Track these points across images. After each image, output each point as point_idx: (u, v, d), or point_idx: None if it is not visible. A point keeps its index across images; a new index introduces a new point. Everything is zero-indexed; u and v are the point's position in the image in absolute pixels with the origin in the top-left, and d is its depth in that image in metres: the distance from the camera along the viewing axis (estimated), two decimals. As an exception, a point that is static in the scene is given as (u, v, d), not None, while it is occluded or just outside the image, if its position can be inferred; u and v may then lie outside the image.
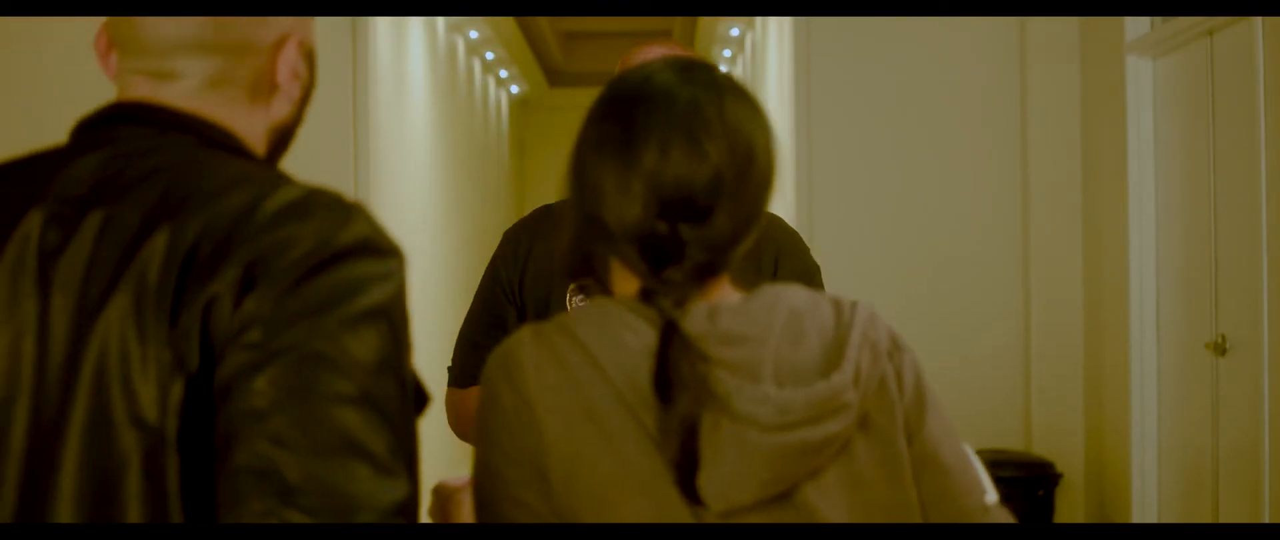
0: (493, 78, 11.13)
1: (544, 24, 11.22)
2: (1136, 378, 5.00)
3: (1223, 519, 4.44)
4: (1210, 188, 4.51)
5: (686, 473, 1.32)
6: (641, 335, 1.35)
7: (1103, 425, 5.31)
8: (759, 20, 8.09)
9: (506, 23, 9.98)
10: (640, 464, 1.33)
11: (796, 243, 2.48)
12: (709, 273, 1.40)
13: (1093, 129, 5.35)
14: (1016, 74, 5.49)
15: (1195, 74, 4.63)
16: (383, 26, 6.12)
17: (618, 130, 1.39)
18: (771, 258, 2.40)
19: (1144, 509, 5.01)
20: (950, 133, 5.52)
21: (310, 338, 1.16)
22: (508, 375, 1.37)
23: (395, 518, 1.16)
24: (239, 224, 1.19)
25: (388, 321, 1.20)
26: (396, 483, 1.16)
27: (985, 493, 1.46)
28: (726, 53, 10.04)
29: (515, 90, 12.48)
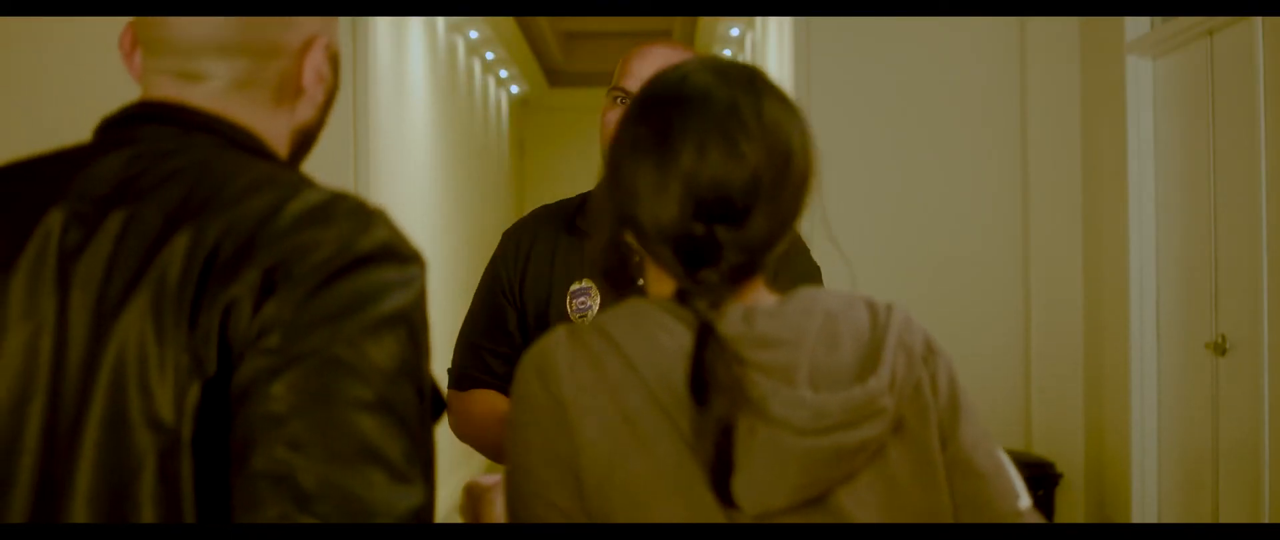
0: (493, 78, 11.13)
1: (544, 24, 11.22)
2: (1136, 377, 5.00)
3: (1223, 519, 4.44)
4: (1210, 188, 4.51)
5: (720, 475, 1.31)
6: (677, 337, 1.34)
7: (1103, 425, 5.31)
8: (759, 20, 8.09)
9: (506, 23, 9.98)
10: (674, 466, 1.33)
11: (797, 243, 2.48)
12: (745, 274, 1.39)
13: (1093, 129, 5.35)
14: (1016, 74, 5.49)
15: (1195, 74, 4.63)
16: (383, 26, 6.12)
17: (655, 131, 1.39)
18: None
19: (1144, 509, 5.01)
20: (950, 133, 5.52)
21: (329, 343, 1.16)
22: (542, 375, 1.37)
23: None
24: (261, 227, 1.19)
25: (407, 327, 1.20)
26: (412, 489, 1.16)
27: (1019, 498, 1.45)
28: (726, 53, 10.04)
29: (515, 90, 12.48)
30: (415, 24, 7.28)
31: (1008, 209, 5.52)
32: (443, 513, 8.26)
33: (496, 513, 1.62)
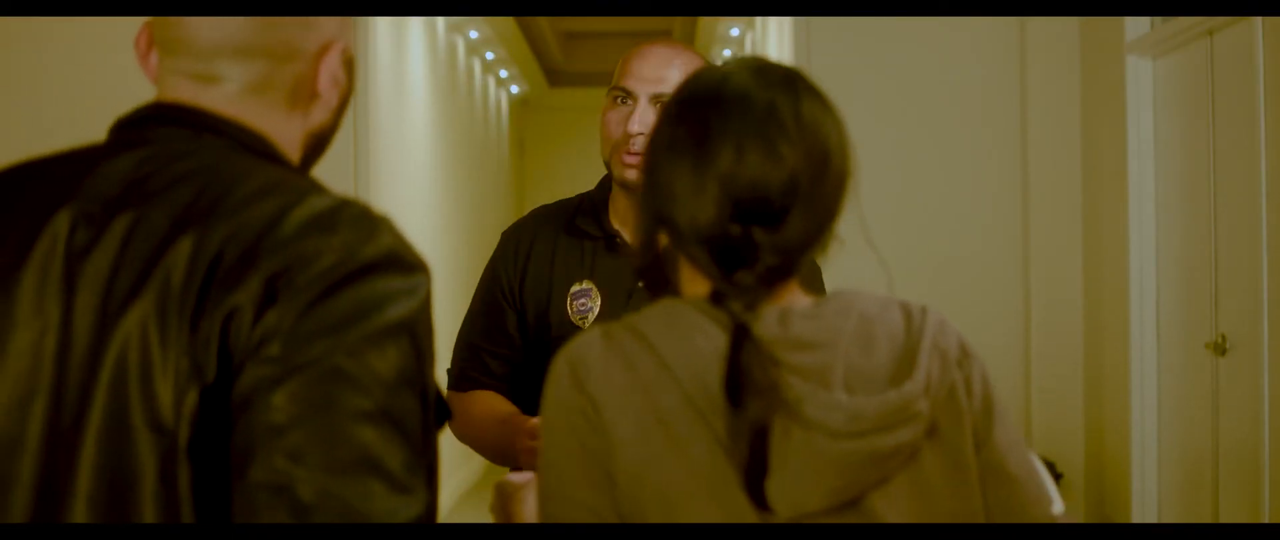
0: (493, 78, 11.12)
1: (544, 24, 11.22)
2: (1136, 377, 5.00)
3: (1223, 519, 4.44)
4: (1210, 188, 4.51)
5: (755, 478, 1.31)
6: (712, 338, 1.34)
7: (1103, 425, 5.31)
8: (759, 20, 8.08)
9: (506, 23, 9.98)
10: (709, 469, 1.32)
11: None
12: (780, 276, 1.39)
13: (1093, 129, 5.35)
14: (1016, 74, 5.49)
15: (1195, 74, 4.63)
16: (383, 26, 6.12)
17: (693, 132, 1.38)
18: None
19: (1144, 509, 5.01)
20: (950, 133, 5.52)
21: (331, 353, 1.15)
22: (575, 376, 1.36)
23: None
24: (265, 234, 1.19)
25: (411, 336, 1.20)
26: (412, 499, 1.16)
27: (1052, 503, 1.45)
28: (726, 53, 10.03)
29: (515, 90, 12.48)
30: (415, 24, 7.28)
31: (1008, 209, 5.52)
32: (443, 513, 8.26)
33: (527, 511, 1.62)
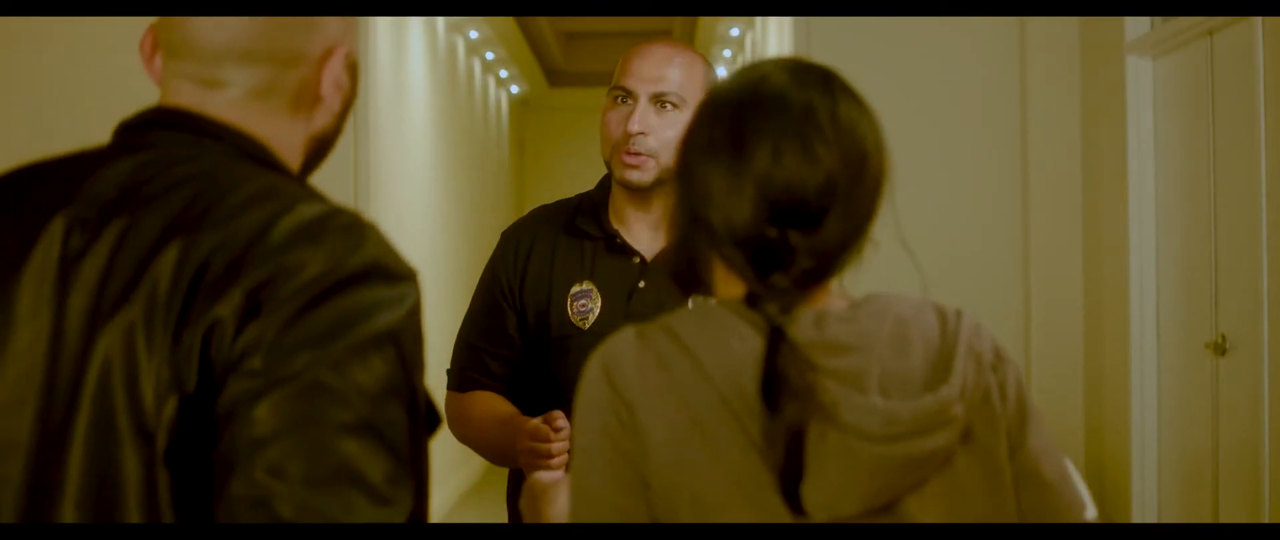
0: (493, 78, 11.12)
1: (544, 24, 11.22)
2: (1136, 378, 5.00)
3: (1223, 519, 4.44)
4: (1210, 188, 4.51)
5: (790, 482, 1.31)
6: (748, 341, 1.33)
7: (1103, 425, 5.31)
8: (759, 20, 8.08)
9: (506, 23, 9.98)
10: (744, 472, 1.32)
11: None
12: (815, 279, 1.38)
13: (1093, 129, 5.35)
14: (1016, 74, 5.49)
15: (1195, 74, 4.63)
16: (383, 26, 6.12)
17: (730, 133, 1.37)
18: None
19: (1144, 509, 5.01)
20: (950, 133, 5.52)
21: (313, 366, 1.15)
22: (609, 377, 1.36)
23: None
24: (252, 244, 1.19)
25: (396, 347, 1.19)
26: (393, 512, 1.16)
27: (1085, 508, 1.45)
28: (726, 53, 10.03)
29: (515, 90, 12.48)
30: (415, 24, 7.28)
31: (1008, 209, 5.52)
32: (443, 513, 8.25)
33: (556, 511, 1.62)
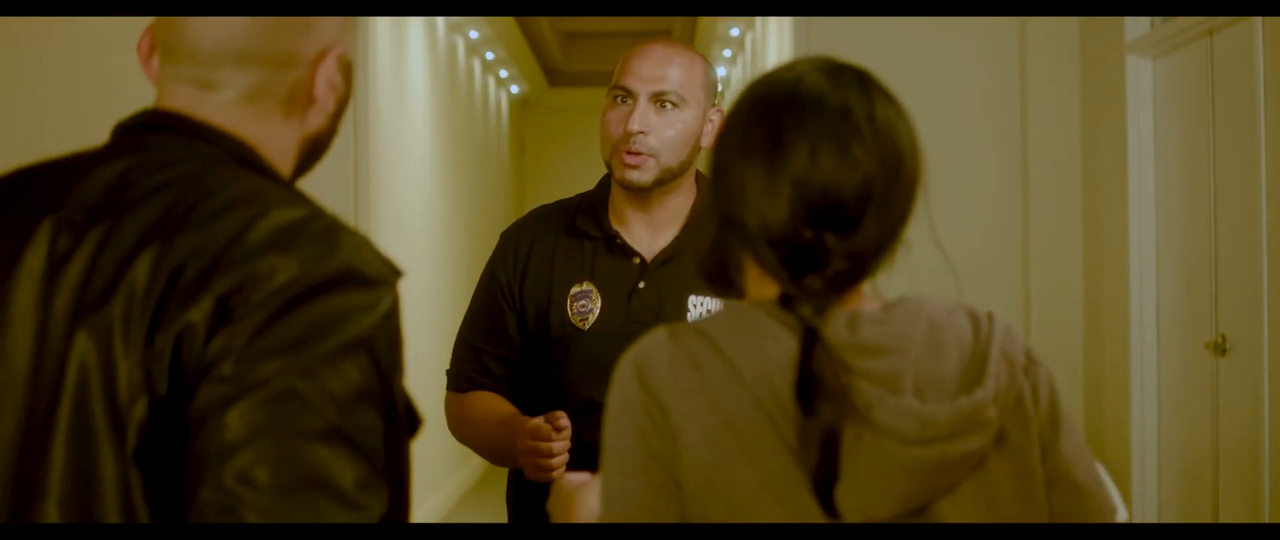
0: (493, 78, 11.12)
1: (544, 24, 11.22)
2: (1136, 378, 5.00)
3: (1223, 519, 4.44)
4: (1210, 188, 4.51)
5: (824, 484, 1.30)
6: (781, 342, 1.33)
7: (1103, 425, 5.31)
8: (759, 20, 8.08)
9: (506, 23, 9.98)
10: (778, 474, 1.31)
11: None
12: (849, 280, 1.38)
13: (1093, 129, 5.35)
14: (1016, 74, 5.48)
15: (1195, 74, 4.63)
16: (383, 26, 6.12)
17: (766, 134, 1.37)
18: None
19: (1144, 509, 5.00)
20: (950, 133, 5.52)
21: (283, 373, 1.16)
22: (642, 377, 1.35)
23: None
24: (226, 250, 1.20)
25: (368, 352, 1.20)
26: (363, 516, 1.17)
27: (1116, 512, 1.45)
28: (726, 53, 10.03)
29: (515, 90, 12.48)
30: (415, 24, 7.28)
31: (1008, 209, 5.51)
32: (443, 513, 8.25)
33: (584, 512, 1.61)
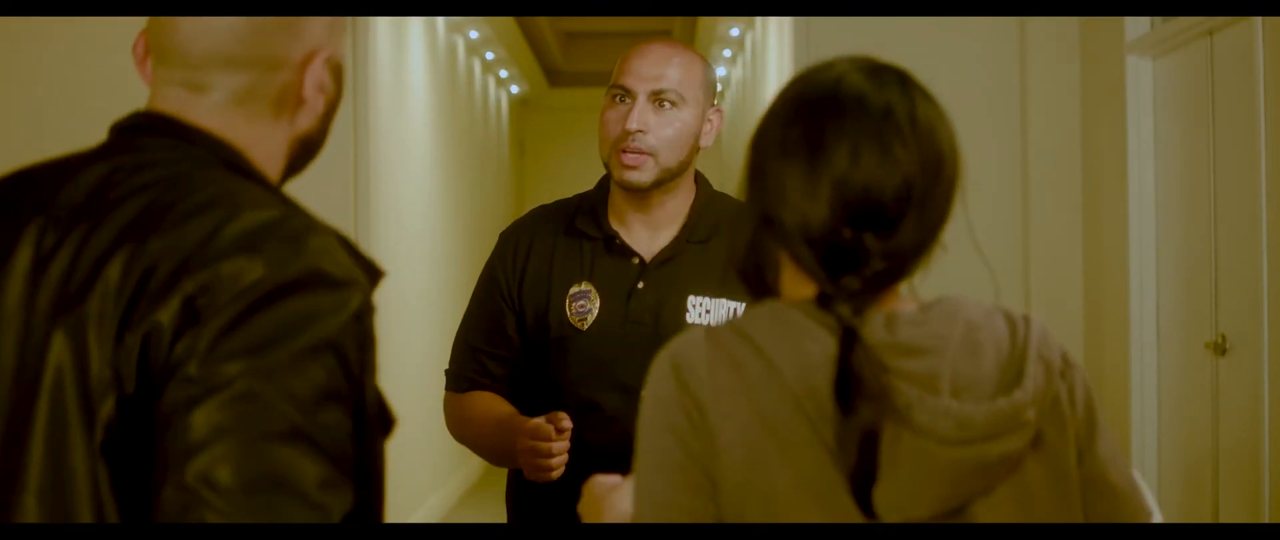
0: (493, 78, 11.12)
1: (544, 24, 11.22)
2: (1136, 378, 5.00)
3: (1223, 519, 4.44)
4: (1210, 188, 4.51)
5: (862, 484, 1.30)
6: (820, 342, 1.32)
7: (1103, 425, 5.31)
8: (759, 20, 8.08)
9: (506, 23, 9.98)
10: (816, 474, 1.31)
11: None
12: (887, 281, 1.38)
13: (1093, 129, 5.35)
14: (1016, 74, 5.48)
15: (1195, 74, 4.63)
16: (383, 26, 6.12)
17: (806, 133, 1.36)
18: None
19: (1144, 509, 5.00)
20: (950, 133, 5.52)
21: (247, 374, 1.17)
22: (680, 376, 1.35)
23: None
24: (196, 251, 1.22)
25: (335, 353, 1.21)
26: (325, 516, 1.18)
27: (1151, 516, 1.45)
28: (726, 53, 10.03)
29: (515, 90, 12.48)
30: (415, 24, 7.28)
31: (1008, 209, 5.51)
32: (443, 513, 8.25)
33: (619, 512, 1.61)
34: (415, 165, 7.30)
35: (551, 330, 2.45)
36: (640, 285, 2.44)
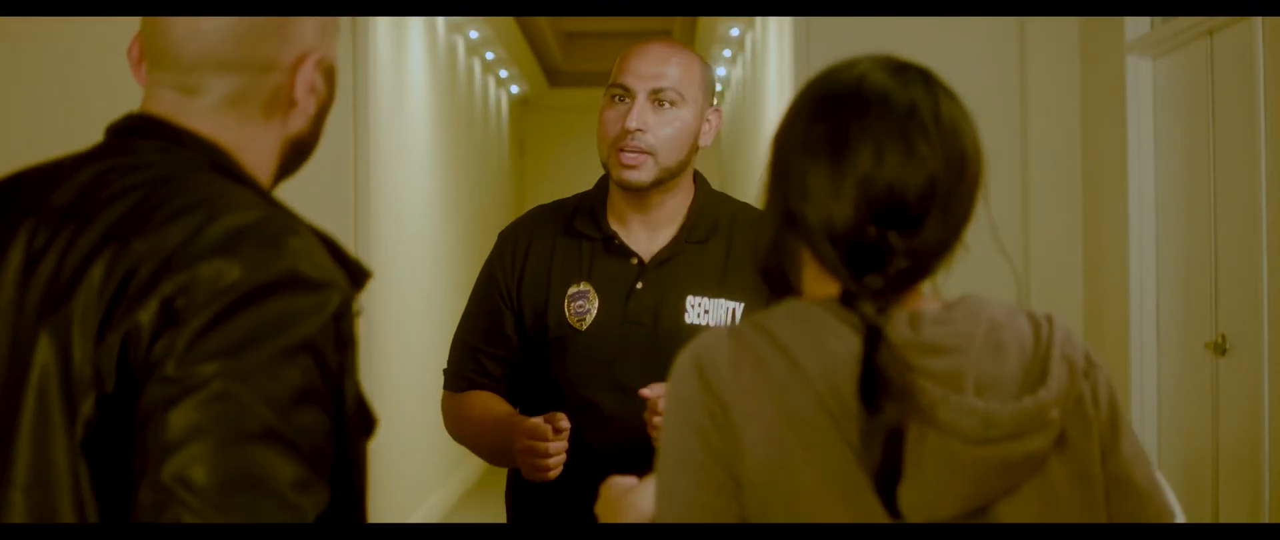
0: (493, 78, 11.12)
1: (544, 24, 11.22)
2: (1136, 378, 5.00)
3: (1223, 519, 4.43)
4: (1210, 188, 4.51)
5: (887, 483, 1.30)
6: (844, 340, 1.32)
7: (1103, 425, 5.31)
8: (759, 20, 8.08)
9: (506, 23, 9.98)
10: (839, 473, 1.31)
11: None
12: (911, 279, 1.37)
13: (1093, 129, 5.35)
14: (1016, 74, 5.48)
15: (1195, 74, 4.63)
16: (383, 26, 6.12)
17: (830, 131, 1.36)
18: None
19: (1144, 509, 5.00)
20: (950, 133, 5.52)
21: (223, 375, 1.18)
22: (703, 375, 1.34)
23: None
24: (177, 252, 1.23)
25: (312, 354, 1.22)
26: (300, 516, 1.19)
27: (1174, 516, 1.45)
28: (726, 53, 10.03)
29: (515, 90, 12.48)
30: (415, 24, 7.28)
31: (1008, 209, 5.51)
32: (443, 513, 8.25)
33: (639, 512, 1.61)
34: (415, 165, 7.30)
35: (550, 330, 2.45)
36: (639, 285, 2.44)
